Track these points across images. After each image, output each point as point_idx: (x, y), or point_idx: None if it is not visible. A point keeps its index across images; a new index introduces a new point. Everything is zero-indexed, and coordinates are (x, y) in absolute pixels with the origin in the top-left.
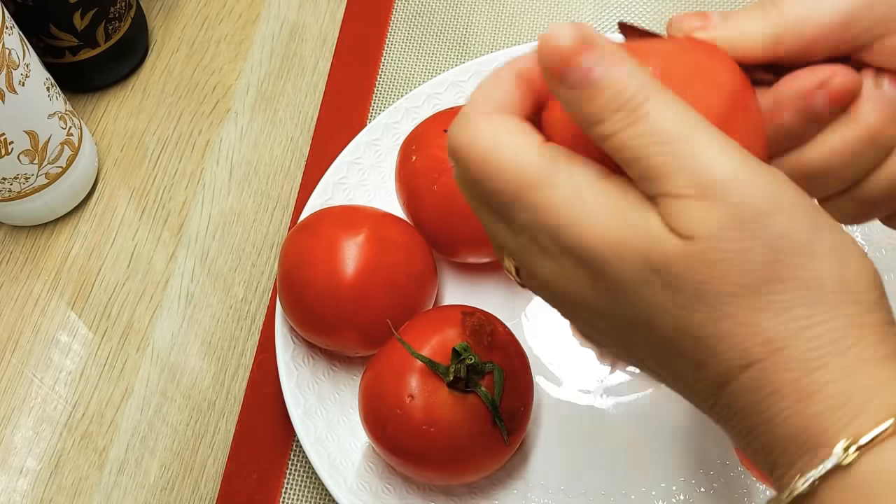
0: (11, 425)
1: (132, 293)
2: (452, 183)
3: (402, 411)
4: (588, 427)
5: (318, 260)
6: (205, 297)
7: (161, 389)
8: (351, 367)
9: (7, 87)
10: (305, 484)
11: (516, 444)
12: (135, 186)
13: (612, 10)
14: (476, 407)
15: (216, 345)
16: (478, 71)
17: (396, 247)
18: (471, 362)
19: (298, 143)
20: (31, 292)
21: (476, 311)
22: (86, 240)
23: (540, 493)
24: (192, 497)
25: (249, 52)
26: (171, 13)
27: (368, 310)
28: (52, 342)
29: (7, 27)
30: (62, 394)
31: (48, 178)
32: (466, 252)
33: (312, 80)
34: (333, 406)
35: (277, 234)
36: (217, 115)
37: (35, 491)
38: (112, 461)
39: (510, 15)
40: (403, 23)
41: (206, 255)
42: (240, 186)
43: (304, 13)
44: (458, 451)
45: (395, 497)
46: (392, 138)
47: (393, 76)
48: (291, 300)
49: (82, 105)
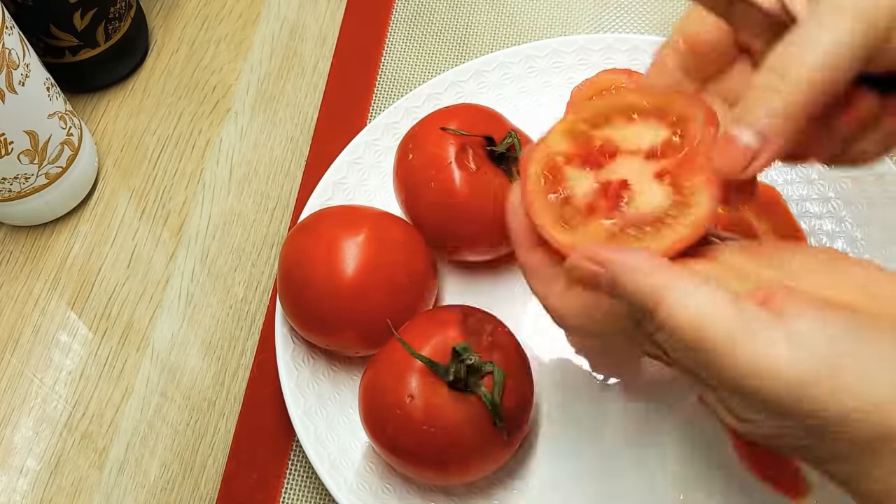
0: (11, 425)
1: (132, 293)
2: (449, 180)
3: (402, 411)
4: (588, 427)
5: (318, 260)
6: (205, 297)
7: (161, 389)
8: (351, 367)
9: (7, 87)
10: (305, 484)
11: (516, 444)
12: (135, 186)
13: (613, 10)
14: (476, 407)
15: (216, 345)
16: (478, 71)
17: (396, 247)
18: (471, 362)
19: (298, 143)
20: (31, 292)
21: (476, 311)
22: (86, 240)
23: (540, 492)
24: (192, 497)
25: (249, 52)
26: (171, 13)
27: (368, 310)
28: (52, 342)
29: (7, 27)
30: (62, 394)
31: (48, 178)
32: (465, 249)
33: (312, 80)
34: (333, 406)
35: (277, 234)
36: (217, 115)
37: (35, 491)
38: (112, 461)
39: (510, 15)
40: (403, 23)
41: (206, 255)
42: (240, 186)
43: (304, 13)
44: (458, 451)
45: (395, 497)
46: (392, 138)
47: (393, 76)
48: (291, 300)
49: (82, 105)
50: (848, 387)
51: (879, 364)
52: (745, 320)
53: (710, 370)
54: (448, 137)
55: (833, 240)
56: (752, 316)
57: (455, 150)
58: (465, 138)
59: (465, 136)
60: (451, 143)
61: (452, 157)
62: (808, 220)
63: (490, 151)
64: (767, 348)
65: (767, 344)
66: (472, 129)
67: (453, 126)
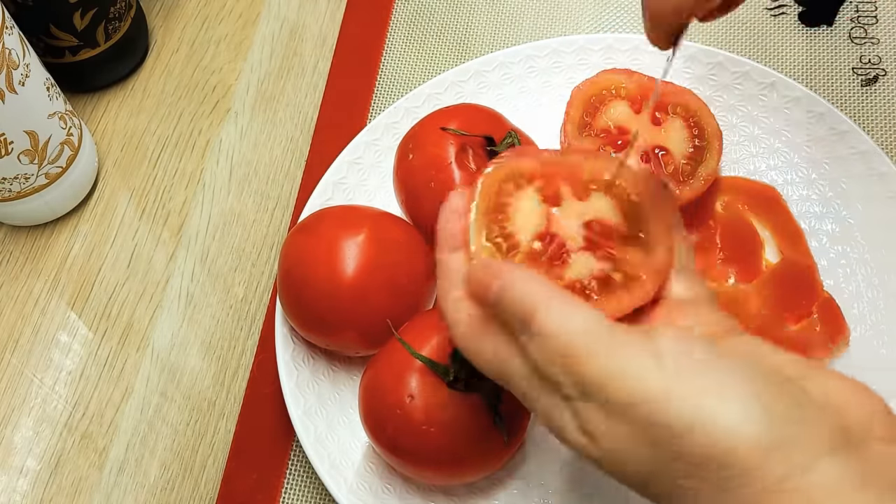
0: (11, 425)
1: (132, 293)
2: (449, 180)
3: (402, 411)
4: None
5: (318, 260)
6: (205, 297)
7: (161, 389)
8: (351, 367)
9: (7, 87)
10: (305, 484)
11: (516, 444)
12: (135, 186)
13: (612, 10)
14: (476, 407)
15: (216, 345)
16: (478, 71)
17: (396, 247)
18: None
19: (298, 143)
20: (31, 292)
21: None
22: (86, 240)
23: (540, 493)
24: (192, 497)
25: (249, 52)
26: (171, 13)
27: (368, 310)
28: (52, 342)
29: (7, 27)
30: (62, 394)
31: (48, 178)
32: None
33: (312, 80)
34: (333, 406)
35: (277, 234)
36: (217, 115)
37: (35, 491)
38: (112, 461)
39: (510, 15)
40: (403, 23)
41: (206, 255)
42: (240, 186)
43: (304, 13)
44: (458, 451)
45: (395, 497)
46: (392, 138)
47: (393, 76)
48: (291, 300)
49: (82, 105)
50: (692, 400)
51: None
52: (614, 331)
53: (575, 376)
54: (448, 137)
55: (833, 240)
56: (622, 330)
57: (455, 150)
58: (465, 138)
59: (465, 136)
60: (451, 143)
61: (452, 157)
62: (808, 220)
63: (490, 151)
64: (633, 357)
65: (634, 353)
66: (472, 129)
67: (453, 126)
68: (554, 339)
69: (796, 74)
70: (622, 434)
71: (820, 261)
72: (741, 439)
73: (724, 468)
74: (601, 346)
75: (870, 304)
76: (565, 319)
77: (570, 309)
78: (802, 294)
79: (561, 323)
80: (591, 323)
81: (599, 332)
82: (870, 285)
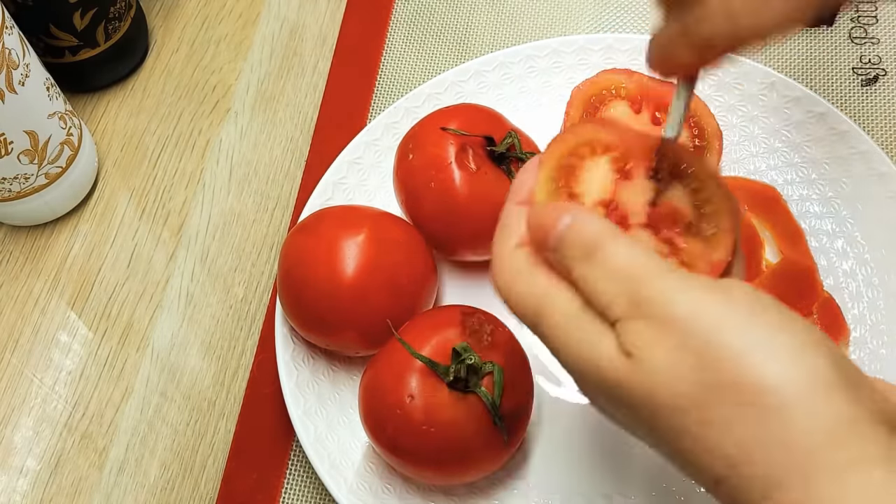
0: (11, 425)
1: (132, 293)
2: (449, 180)
3: (402, 411)
4: (588, 427)
5: (318, 260)
6: (205, 297)
7: (161, 389)
8: (351, 367)
9: (7, 87)
10: (305, 484)
11: (516, 444)
12: (135, 186)
13: (612, 10)
14: (476, 407)
15: (216, 345)
16: (478, 71)
17: (396, 247)
18: (471, 362)
19: (298, 143)
20: (31, 292)
21: (476, 311)
22: (86, 240)
23: (540, 493)
24: (192, 497)
25: (249, 52)
26: (171, 13)
27: (368, 310)
28: (52, 342)
29: (7, 27)
30: (62, 394)
31: (48, 178)
32: (465, 249)
33: (312, 80)
34: (333, 406)
35: (277, 234)
36: (217, 115)
37: (35, 491)
38: (112, 461)
39: (510, 15)
40: (403, 23)
41: (206, 255)
42: (240, 186)
43: (304, 13)
44: (458, 451)
45: (395, 497)
46: (392, 138)
47: (393, 76)
48: (291, 300)
49: (82, 105)
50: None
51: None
52: (682, 270)
53: (634, 295)
54: (448, 137)
55: (833, 240)
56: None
57: (455, 151)
58: (465, 138)
59: (465, 136)
60: (452, 143)
61: (452, 157)
62: (808, 220)
63: (490, 151)
64: (701, 288)
65: (702, 286)
66: (472, 129)
67: (453, 126)
68: (621, 262)
69: (796, 74)
70: (667, 347)
71: (820, 261)
72: (803, 384)
73: (765, 395)
74: (668, 273)
75: (870, 304)
76: (633, 251)
77: (638, 246)
78: (802, 294)
79: (629, 252)
80: (658, 259)
81: (668, 266)
82: (870, 285)
